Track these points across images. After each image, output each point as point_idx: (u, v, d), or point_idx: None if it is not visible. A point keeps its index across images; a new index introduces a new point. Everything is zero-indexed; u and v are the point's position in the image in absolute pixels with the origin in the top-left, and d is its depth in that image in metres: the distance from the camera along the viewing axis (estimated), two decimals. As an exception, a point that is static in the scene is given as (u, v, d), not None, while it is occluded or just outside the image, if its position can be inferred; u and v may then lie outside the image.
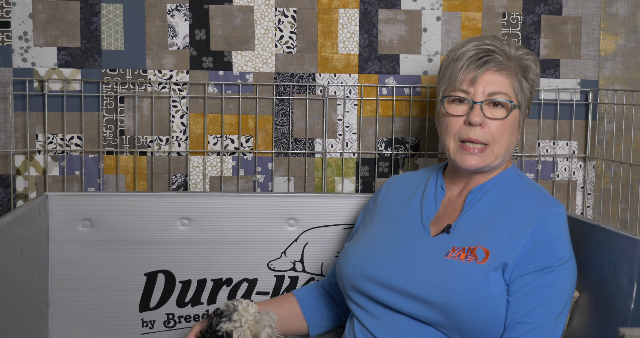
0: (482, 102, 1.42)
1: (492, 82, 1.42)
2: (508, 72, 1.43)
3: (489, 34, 1.68)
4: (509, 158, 1.48)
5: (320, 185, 1.95)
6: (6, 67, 1.86)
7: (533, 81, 1.48)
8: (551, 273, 1.33)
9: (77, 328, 1.77)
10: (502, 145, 1.43)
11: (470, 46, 1.45)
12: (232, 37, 1.91)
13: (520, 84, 1.45)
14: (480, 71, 1.42)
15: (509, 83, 1.43)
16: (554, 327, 1.32)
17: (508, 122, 1.43)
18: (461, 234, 1.40)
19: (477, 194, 1.45)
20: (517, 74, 1.44)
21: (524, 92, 1.45)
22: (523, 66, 1.46)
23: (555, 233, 1.36)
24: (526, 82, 1.46)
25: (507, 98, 1.42)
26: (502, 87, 1.42)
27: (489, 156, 1.43)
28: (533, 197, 1.42)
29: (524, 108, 1.47)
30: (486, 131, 1.42)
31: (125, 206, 1.76)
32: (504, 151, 1.44)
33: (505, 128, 1.43)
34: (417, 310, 1.36)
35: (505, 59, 1.44)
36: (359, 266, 1.46)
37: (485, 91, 1.42)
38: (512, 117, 1.43)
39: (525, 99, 1.46)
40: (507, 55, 1.44)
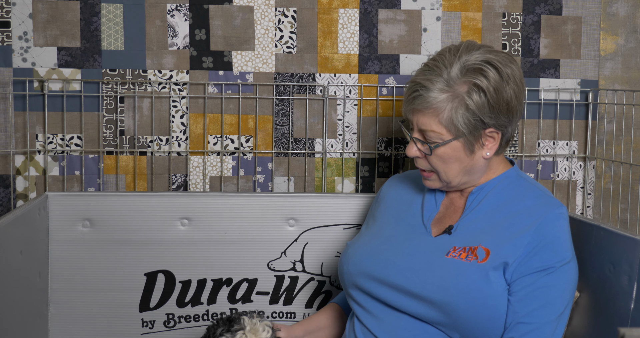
0: (416, 137, 1.42)
1: (420, 120, 1.41)
2: (435, 110, 1.37)
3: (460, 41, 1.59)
4: (479, 173, 1.44)
5: (320, 185, 1.95)
6: (6, 67, 1.86)
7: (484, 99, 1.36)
8: (553, 274, 1.34)
9: (77, 328, 1.77)
10: (447, 173, 1.42)
11: (413, 77, 1.43)
12: (232, 37, 1.91)
13: (452, 117, 1.37)
14: (410, 107, 1.42)
15: (436, 121, 1.38)
16: (555, 328, 1.32)
17: (441, 155, 1.40)
18: (462, 235, 1.40)
19: (478, 195, 1.45)
20: (451, 107, 1.36)
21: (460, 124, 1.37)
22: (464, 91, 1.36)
23: (558, 234, 1.36)
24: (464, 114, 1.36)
25: (437, 135, 1.39)
26: (429, 126, 1.39)
27: (443, 180, 1.44)
28: (535, 198, 1.42)
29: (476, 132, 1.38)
30: (426, 161, 1.43)
31: (125, 206, 1.76)
32: (455, 175, 1.42)
33: (446, 159, 1.41)
34: (418, 309, 1.36)
35: (438, 91, 1.37)
36: (360, 264, 1.46)
37: (418, 126, 1.42)
38: (448, 149, 1.39)
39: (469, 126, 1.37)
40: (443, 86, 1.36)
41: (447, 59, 1.39)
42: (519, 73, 1.42)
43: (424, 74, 1.40)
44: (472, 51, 1.39)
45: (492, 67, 1.37)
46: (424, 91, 1.37)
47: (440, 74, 1.38)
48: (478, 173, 1.44)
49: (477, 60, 1.37)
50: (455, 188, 1.47)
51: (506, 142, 1.44)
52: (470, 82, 1.36)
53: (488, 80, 1.37)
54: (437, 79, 1.37)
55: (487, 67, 1.37)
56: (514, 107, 1.40)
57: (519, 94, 1.41)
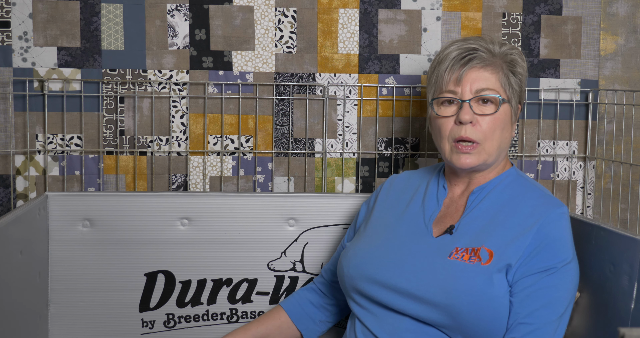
0: (471, 100, 1.42)
1: (478, 79, 1.42)
2: (493, 68, 1.43)
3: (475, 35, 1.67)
4: (504, 155, 1.48)
5: (320, 185, 1.95)
6: (6, 67, 1.86)
7: (521, 75, 1.48)
8: (554, 274, 1.33)
9: (77, 328, 1.77)
10: (494, 141, 1.43)
11: (453, 48, 1.46)
12: (232, 37, 1.91)
13: (507, 78, 1.44)
14: (465, 70, 1.42)
15: (495, 78, 1.43)
16: (556, 328, 1.32)
17: (499, 117, 1.42)
18: (464, 235, 1.40)
19: (479, 195, 1.45)
20: (503, 69, 1.45)
21: (512, 86, 1.45)
22: (509, 60, 1.46)
23: (559, 234, 1.36)
24: (514, 76, 1.46)
25: (495, 93, 1.42)
26: (489, 83, 1.42)
27: (482, 154, 1.42)
28: (536, 198, 1.42)
29: (515, 103, 1.46)
30: (477, 128, 1.42)
31: (125, 206, 1.76)
32: (496, 147, 1.43)
33: (497, 124, 1.42)
34: (420, 311, 1.35)
35: (489, 55, 1.44)
36: (360, 267, 1.45)
37: (472, 88, 1.42)
38: (502, 112, 1.43)
39: (514, 93, 1.46)
40: (491, 52, 1.45)
41: (482, 40, 1.47)
42: None
43: (470, 43, 1.46)
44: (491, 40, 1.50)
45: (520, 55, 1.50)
46: (482, 51, 1.44)
47: (485, 43, 1.46)
48: (503, 154, 1.48)
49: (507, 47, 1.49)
50: (484, 168, 1.46)
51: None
52: (515, 53, 1.47)
53: (522, 59, 1.49)
54: (486, 45, 1.45)
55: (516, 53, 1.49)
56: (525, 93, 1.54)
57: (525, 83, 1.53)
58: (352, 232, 1.65)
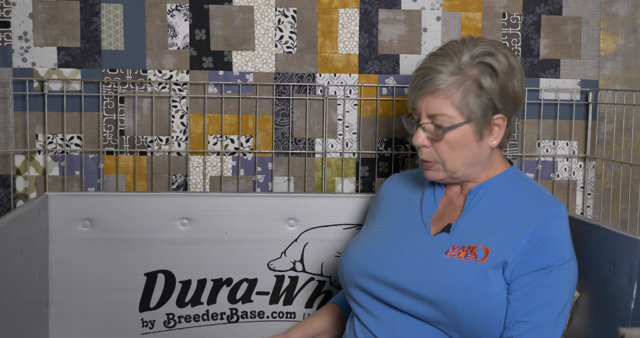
0: (424, 124, 1.41)
1: (429, 105, 1.40)
2: (447, 93, 1.37)
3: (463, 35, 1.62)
4: (482, 165, 1.44)
5: (320, 185, 1.95)
6: (6, 67, 1.86)
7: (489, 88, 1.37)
8: (552, 273, 1.34)
9: (77, 328, 1.77)
10: (455, 161, 1.41)
11: (418, 66, 1.44)
12: (232, 37, 1.91)
13: (464, 100, 1.37)
14: (418, 95, 1.41)
15: (448, 103, 1.38)
16: (554, 327, 1.32)
17: (451, 141, 1.39)
18: (461, 233, 1.40)
19: (477, 194, 1.45)
20: (463, 90, 1.37)
21: (472, 107, 1.37)
22: (476, 77, 1.37)
23: (556, 233, 1.36)
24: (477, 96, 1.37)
25: (447, 119, 1.38)
26: (439, 110, 1.38)
27: (445, 171, 1.43)
28: (534, 197, 1.42)
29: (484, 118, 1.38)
30: (432, 150, 1.42)
31: (125, 206, 1.76)
32: (459, 165, 1.42)
33: (453, 146, 1.40)
34: (417, 308, 1.36)
35: (449, 75, 1.37)
36: (359, 263, 1.46)
37: (426, 112, 1.41)
38: (454, 136, 1.39)
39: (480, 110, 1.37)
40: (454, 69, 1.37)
41: (456, 47, 1.41)
42: (521, 67, 1.45)
43: (433, 61, 1.41)
44: (478, 42, 1.42)
45: (501, 54, 1.41)
46: (434, 74, 1.38)
47: (451, 59, 1.39)
48: (481, 165, 1.44)
49: (486, 48, 1.40)
50: (459, 180, 1.46)
51: (508, 134, 1.46)
52: (482, 64, 1.38)
53: (499, 63, 1.39)
54: (447, 63, 1.39)
55: (497, 51, 1.40)
56: (519, 97, 1.43)
57: (523, 84, 1.44)
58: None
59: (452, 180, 1.46)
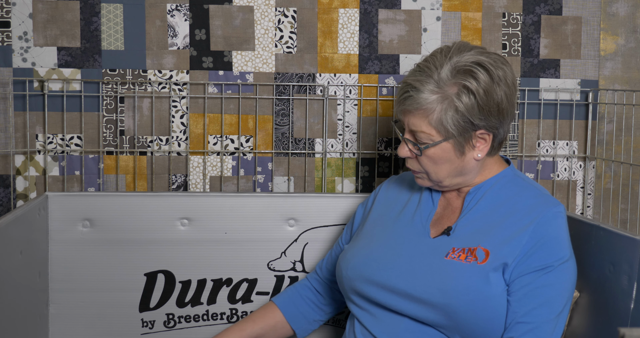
0: (407, 138, 1.42)
1: (410, 121, 1.41)
2: (424, 111, 1.37)
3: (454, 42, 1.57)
4: (472, 174, 1.44)
5: (320, 185, 1.95)
6: (6, 67, 1.86)
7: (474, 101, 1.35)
8: (551, 273, 1.33)
9: (77, 328, 1.77)
10: (438, 173, 1.42)
11: (404, 79, 1.43)
12: (232, 37, 1.91)
13: (442, 119, 1.36)
14: (400, 110, 1.42)
15: (426, 122, 1.38)
16: (554, 327, 1.32)
17: (431, 156, 1.40)
18: (461, 235, 1.40)
19: (476, 195, 1.45)
20: (441, 108, 1.36)
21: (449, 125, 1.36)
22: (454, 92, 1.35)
23: (555, 233, 1.36)
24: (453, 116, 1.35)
25: (426, 136, 1.39)
26: (419, 127, 1.39)
27: (429, 181, 1.45)
28: (532, 197, 1.42)
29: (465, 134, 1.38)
30: (416, 161, 1.43)
31: (125, 206, 1.76)
32: (444, 176, 1.42)
33: (433, 161, 1.41)
34: (418, 312, 1.36)
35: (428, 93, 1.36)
36: (358, 268, 1.46)
37: (408, 126, 1.42)
38: (434, 152, 1.39)
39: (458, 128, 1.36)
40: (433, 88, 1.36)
41: (438, 60, 1.38)
42: (511, 75, 1.40)
43: (415, 75, 1.40)
44: (463, 51, 1.38)
45: (483, 68, 1.37)
46: (414, 92, 1.37)
47: (430, 75, 1.37)
48: (470, 174, 1.44)
49: (468, 61, 1.37)
50: (448, 188, 1.47)
51: (499, 143, 1.44)
52: (459, 84, 1.36)
53: (478, 82, 1.36)
54: (427, 80, 1.37)
55: (477, 68, 1.36)
56: (505, 109, 1.39)
57: (510, 96, 1.40)
58: (349, 233, 1.65)
59: (440, 188, 1.47)
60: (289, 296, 1.67)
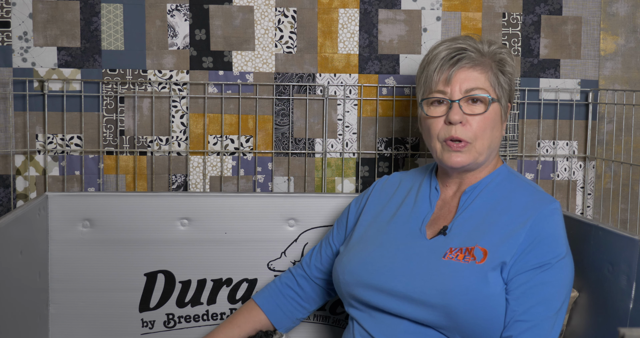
0: (460, 100, 1.42)
1: (467, 79, 1.42)
2: (482, 68, 1.44)
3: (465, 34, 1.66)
4: (495, 153, 1.48)
5: (320, 185, 1.95)
6: (6, 67, 1.86)
7: (510, 74, 1.48)
8: (549, 270, 1.33)
9: (77, 328, 1.77)
10: (485, 140, 1.43)
11: (442, 48, 1.46)
12: (232, 37, 1.91)
13: (496, 77, 1.45)
14: (454, 69, 1.42)
15: (484, 78, 1.43)
16: (552, 324, 1.32)
17: (488, 117, 1.42)
18: (458, 235, 1.40)
19: (471, 194, 1.45)
20: (493, 68, 1.45)
21: (502, 85, 1.45)
22: (497, 60, 1.46)
23: (552, 230, 1.36)
24: (503, 75, 1.46)
25: (485, 93, 1.42)
26: (478, 83, 1.42)
27: (473, 152, 1.43)
28: (528, 195, 1.42)
29: (505, 102, 1.47)
30: (467, 128, 1.42)
31: (125, 206, 1.76)
32: (487, 146, 1.43)
33: (487, 123, 1.42)
34: (418, 313, 1.35)
35: (478, 55, 1.44)
36: (355, 273, 1.45)
37: (461, 88, 1.42)
38: (492, 111, 1.43)
39: (504, 92, 1.46)
40: (479, 51, 1.45)
41: (470, 39, 1.48)
42: None
43: (459, 43, 1.46)
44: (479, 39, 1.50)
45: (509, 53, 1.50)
46: (468, 52, 1.43)
47: (474, 43, 1.46)
48: (494, 153, 1.47)
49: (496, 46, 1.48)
50: (475, 167, 1.46)
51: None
52: (501, 53, 1.47)
53: (510, 57, 1.49)
54: (475, 45, 1.46)
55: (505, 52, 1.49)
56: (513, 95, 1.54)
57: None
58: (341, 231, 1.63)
59: (472, 166, 1.45)
60: (270, 295, 1.66)
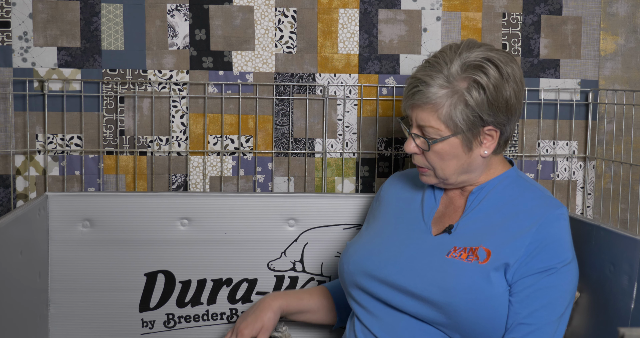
0: (414, 133, 1.42)
1: (418, 116, 1.40)
2: (433, 106, 1.37)
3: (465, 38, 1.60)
4: (478, 171, 1.44)
5: (320, 185, 1.95)
6: (6, 67, 1.86)
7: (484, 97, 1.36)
8: (554, 275, 1.33)
9: (77, 328, 1.77)
10: (444, 170, 1.41)
11: (413, 74, 1.43)
12: (232, 37, 1.91)
13: (451, 113, 1.36)
14: (409, 105, 1.42)
15: (435, 117, 1.37)
16: (555, 328, 1.32)
17: (439, 152, 1.39)
18: (463, 234, 1.40)
19: (479, 195, 1.45)
20: (450, 102, 1.36)
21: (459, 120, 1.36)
22: (464, 87, 1.36)
23: (559, 235, 1.36)
24: (462, 110, 1.35)
25: (434, 131, 1.38)
26: (428, 121, 1.38)
27: (435, 178, 1.44)
28: (535, 198, 1.42)
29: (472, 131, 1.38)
30: (423, 157, 1.43)
31: (125, 206, 1.76)
32: (451, 173, 1.42)
33: (440, 157, 1.40)
34: (418, 309, 1.36)
35: (438, 87, 1.36)
36: (360, 263, 1.46)
37: (416, 122, 1.41)
38: (442, 147, 1.39)
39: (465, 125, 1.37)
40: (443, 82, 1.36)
41: (448, 56, 1.39)
42: (519, 72, 1.41)
43: (424, 70, 1.40)
44: (473, 48, 1.39)
45: (493, 64, 1.37)
46: (423, 86, 1.37)
47: (440, 70, 1.37)
48: (476, 172, 1.44)
49: (478, 57, 1.37)
50: (453, 186, 1.46)
51: (505, 141, 1.44)
52: (470, 79, 1.36)
53: (488, 77, 1.36)
54: (437, 74, 1.37)
55: (487, 64, 1.37)
56: (513, 106, 1.40)
57: (518, 93, 1.41)
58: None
59: (445, 186, 1.46)
60: (339, 286, 1.67)
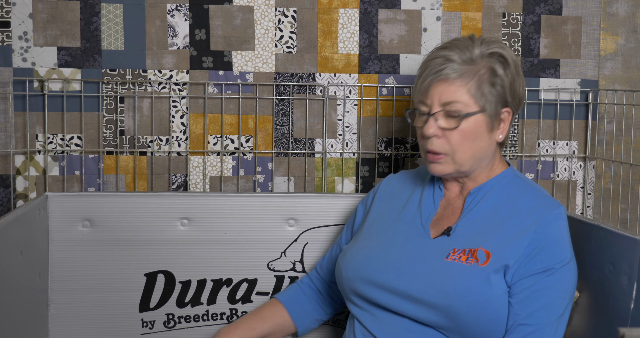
0: (437, 113, 1.39)
1: (445, 92, 1.38)
2: (462, 80, 1.38)
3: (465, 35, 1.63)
4: (487, 161, 1.45)
5: (320, 185, 1.95)
6: (6, 67, 1.86)
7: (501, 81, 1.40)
8: (553, 275, 1.33)
9: (77, 328, 1.77)
10: (465, 153, 1.40)
11: (430, 56, 1.43)
12: (232, 37, 1.91)
13: (480, 88, 1.38)
14: (432, 82, 1.40)
15: (464, 91, 1.37)
16: (555, 329, 1.32)
17: (466, 130, 1.38)
18: (461, 236, 1.40)
19: (477, 196, 1.45)
20: (478, 78, 1.38)
21: (487, 96, 1.38)
22: (489, 66, 1.40)
23: (557, 235, 1.36)
24: (490, 85, 1.39)
25: (463, 106, 1.37)
26: (455, 96, 1.37)
27: (452, 164, 1.41)
28: (533, 199, 1.42)
29: (495, 110, 1.40)
30: (443, 141, 1.40)
31: (125, 206, 1.76)
32: (468, 157, 1.41)
33: (465, 136, 1.39)
34: (419, 313, 1.36)
35: (462, 64, 1.38)
36: (358, 269, 1.45)
37: (440, 100, 1.39)
38: (470, 124, 1.38)
39: (491, 101, 1.39)
40: (466, 61, 1.39)
41: (463, 43, 1.42)
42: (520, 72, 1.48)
43: (444, 51, 1.41)
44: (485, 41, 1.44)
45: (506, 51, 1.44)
46: (448, 63, 1.39)
47: (462, 51, 1.40)
48: (486, 160, 1.44)
49: (495, 43, 1.43)
50: (463, 175, 1.45)
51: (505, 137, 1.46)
52: (496, 55, 1.41)
53: (508, 63, 1.42)
54: (461, 52, 1.40)
55: (504, 48, 1.43)
56: (522, 95, 1.47)
57: (524, 85, 1.47)
58: (349, 233, 1.65)
59: (458, 174, 1.44)
60: (293, 294, 1.67)
